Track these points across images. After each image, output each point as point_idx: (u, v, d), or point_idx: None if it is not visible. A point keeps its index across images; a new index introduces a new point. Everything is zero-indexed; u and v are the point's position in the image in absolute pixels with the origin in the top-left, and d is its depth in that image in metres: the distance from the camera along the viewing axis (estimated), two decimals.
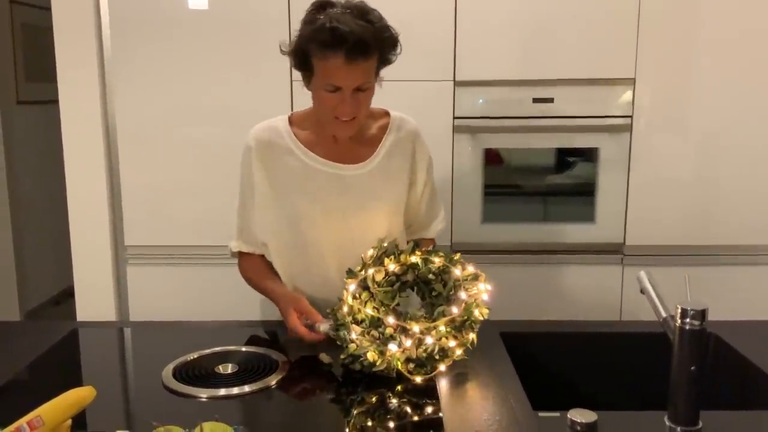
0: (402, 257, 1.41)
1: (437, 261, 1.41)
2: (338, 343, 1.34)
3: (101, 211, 2.43)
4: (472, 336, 1.34)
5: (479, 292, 1.36)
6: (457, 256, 1.42)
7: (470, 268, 1.41)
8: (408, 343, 1.28)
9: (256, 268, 1.67)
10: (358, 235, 1.57)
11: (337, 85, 1.43)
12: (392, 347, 1.27)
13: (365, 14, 1.44)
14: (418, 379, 1.28)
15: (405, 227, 1.71)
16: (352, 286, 1.37)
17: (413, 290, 1.45)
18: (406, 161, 1.64)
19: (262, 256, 1.67)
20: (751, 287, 2.40)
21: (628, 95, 2.34)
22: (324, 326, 1.39)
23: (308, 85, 1.51)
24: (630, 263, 2.41)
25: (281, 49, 1.53)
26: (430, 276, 1.42)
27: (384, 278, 1.38)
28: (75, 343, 1.55)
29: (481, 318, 1.36)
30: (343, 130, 1.53)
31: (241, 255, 1.69)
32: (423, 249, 1.45)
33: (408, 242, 1.52)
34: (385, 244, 1.45)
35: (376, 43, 1.42)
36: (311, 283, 1.62)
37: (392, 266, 1.40)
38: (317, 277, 1.60)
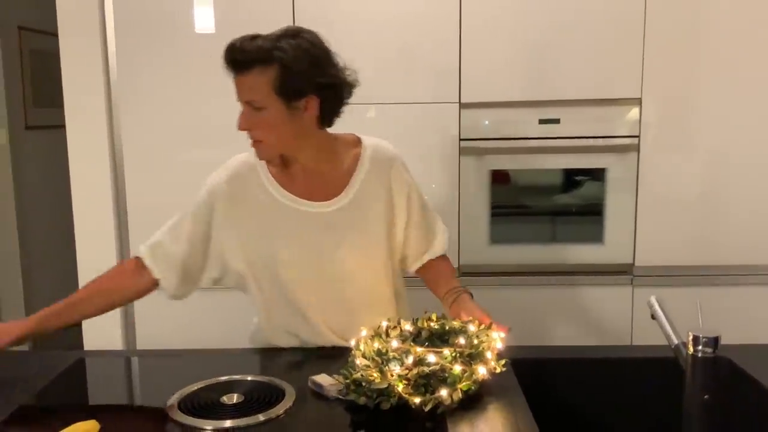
0: (419, 322, 1.42)
1: (455, 324, 1.42)
2: (345, 379, 1.31)
3: (108, 236, 2.43)
4: (482, 370, 1.31)
5: (492, 340, 1.36)
6: (477, 323, 1.42)
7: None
8: (410, 359, 1.26)
9: (109, 280, 1.62)
10: (337, 273, 1.56)
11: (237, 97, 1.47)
12: (393, 366, 1.26)
13: (281, 36, 1.44)
14: (417, 401, 1.25)
15: (401, 258, 1.67)
16: (364, 332, 1.38)
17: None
18: (382, 193, 1.59)
19: (134, 277, 1.61)
20: (764, 308, 2.37)
21: (634, 115, 2.33)
22: (332, 389, 1.34)
23: None
24: (640, 284, 2.40)
25: None
26: (446, 330, 1.41)
27: (398, 334, 1.38)
28: (81, 373, 1.54)
29: (493, 363, 1.33)
30: (255, 151, 1.52)
31: (131, 262, 1.63)
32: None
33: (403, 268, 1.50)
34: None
35: (255, 61, 1.42)
36: (293, 321, 1.60)
37: (408, 326, 1.40)
38: (297, 313, 1.59)
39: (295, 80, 1.43)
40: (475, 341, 1.34)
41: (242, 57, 1.43)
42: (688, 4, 2.28)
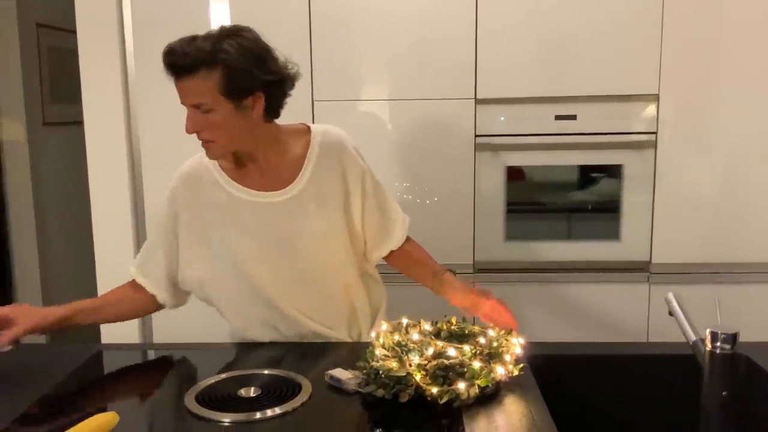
0: (438, 323, 1.44)
1: (475, 328, 1.43)
2: (363, 370, 1.33)
3: (125, 232, 2.45)
4: (500, 370, 1.32)
5: (512, 345, 1.37)
6: (497, 330, 1.43)
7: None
8: (430, 351, 1.28)
9: (129, 290, 1.67)
10: (300, 264, 1.57)
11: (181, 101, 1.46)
12: (413, 357, 1.27)
13: (222, 36, 1.43)
14: (435, 390, 1.25)
15: (363, 245, 1.67)
16: (384, 326, 1.40)
17: None
18: (335, 179, 1.59)
19: (138, 294, 1.66)
20: None
21: (652, 111, 2.32)
22: (351, 383, 1.34)
23: None
24: (657, 281, 2.38)
25: None
26: (466, 333, 1.43)
27: (418, 331, 1.40)
28: (99, 365, 1.55)
29: (511, 366, 1.34)
30: (206, 152, 1.53)
31: (132, 282, 1.68)
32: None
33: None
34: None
35: (198, 64, 1.41)
36: (268, 315, 1.61)
37: (427, 326, 1.42)
38: (269, 309, 1.59)
39: (240, 80, 1.43)
40: (495, 344, 1.35)
41: (185, 61, 1.42)
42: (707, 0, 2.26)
